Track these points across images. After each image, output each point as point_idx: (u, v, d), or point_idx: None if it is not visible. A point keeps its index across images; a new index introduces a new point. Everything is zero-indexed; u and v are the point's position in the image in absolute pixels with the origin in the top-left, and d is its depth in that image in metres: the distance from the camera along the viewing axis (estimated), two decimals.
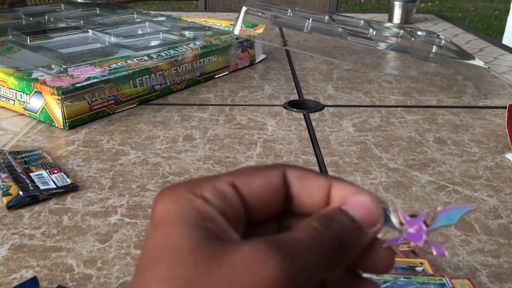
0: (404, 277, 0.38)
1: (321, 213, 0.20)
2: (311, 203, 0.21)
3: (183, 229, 0.17)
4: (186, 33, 0.95)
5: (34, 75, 0.69)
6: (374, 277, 0.38)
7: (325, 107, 0.77)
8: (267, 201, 0.20)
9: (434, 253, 0.21)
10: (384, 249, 0.21)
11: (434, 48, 0.88)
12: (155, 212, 0.19)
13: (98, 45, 0.88)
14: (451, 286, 0.37)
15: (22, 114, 0.70)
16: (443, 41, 0.98)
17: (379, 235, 0.21)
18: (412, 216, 0.22)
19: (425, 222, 0.22)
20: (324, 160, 0.60)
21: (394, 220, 0.22)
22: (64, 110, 0.65)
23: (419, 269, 0.40)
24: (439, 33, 1.05)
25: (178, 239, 0.17)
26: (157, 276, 0.16)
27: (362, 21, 1.02)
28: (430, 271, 0.39)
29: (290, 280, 0.16)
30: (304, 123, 0.70)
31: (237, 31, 0.91)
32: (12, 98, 0.70)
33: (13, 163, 0.55)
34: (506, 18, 1.82)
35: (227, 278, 0.16)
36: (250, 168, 0.21)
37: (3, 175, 0.52)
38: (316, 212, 0.20)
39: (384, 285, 0.37)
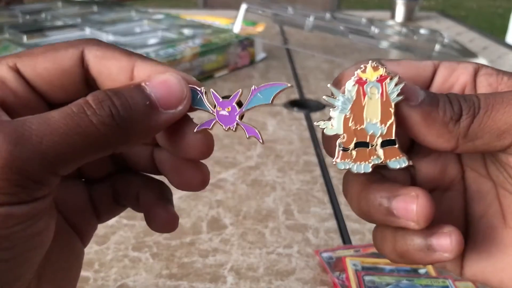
0: (406, 280, 0.37)
1: (104, 89, 0.18)
2: (113, 85, 0.19)
3: None
4: (185, 31, 0.94)
5: None
6: (376, 279, 0.37)
7: (326, 107, 0.76)
8: (59, 84, 0.19)
9: (247, 136, 0.20)
10: (196, 134, 0.20)
11: (437, 47, 0.87)
12: None
13: None
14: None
15: None
16: (446, 39, 0.97)
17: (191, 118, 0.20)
18: (226, 97, 0.20)
19: (238, 103, 0.20)
20: (326, 160, 0.59)
21: (206, 102, 0.20)
22: None
23: (422, 271, 0.39)
24: (441, 32, 1.04)
25: None
26: None
27: (364, 19, 1.01)
28: (433, 274, 0.38)
29: (16, 170, 0.15)
30: (305, 123, 0.69)
31: (237, 29, 0.90)
32: None
33: None
34: (510, 17, 1.81)
35: None
36: (39, 48, 0.19)
37: None
38: None
39: (387, 287, 0.36)
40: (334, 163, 0.20)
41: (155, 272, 0.40)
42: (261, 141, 0.21)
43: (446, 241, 0.19)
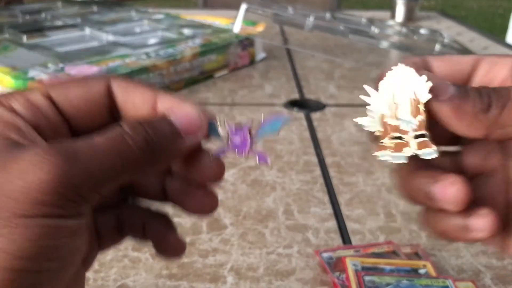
0: (407, 280, 0.37)
1: (138, 119, 0.20)
2: (137, 115, 0.22)
3: None
4: (185, 31, 0.94)
5: (30, 74, 0.68)
6: (376, 279, 0.37)
7: (327, 107, 0.76)
8: (87, 112, 0.21)
9: (257, 162, 0.23)
10: (212, 160, 0.23)
11: (437, 47, 0.87)
12: None
13: (96, 43, 0.87)
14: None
15: None
16: (446, 39, 0.97)
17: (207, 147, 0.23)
18: (238, 126, 0.23)
19: (250, 132, 0.23)
20: (326, 160, 0.59)
21: (221, 131, 0.23)
22: None
23: (422, 271, 0.39)
24: (442, 32, 1.04)
25: None
26: None
27: (364, 19, 1.00)
28: (433, 274, 0.38)
29: (67, 185, 0.17)
30: (305, 123, 0.69)
31: (237, 29, 0.90)
32: None
33: None
34: (510, 17, 1.81)
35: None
36: (70, 80, 0.21)
37: None
38: None
39: (387, 287, 0.36)
40: (374, 154, 0.23)
41: (155, 272, 0.40)
42: (269, 165, 0.23)
43: (481, 222, 0.21)
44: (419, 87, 0.21)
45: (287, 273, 0.40)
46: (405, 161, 0.22)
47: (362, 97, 0.23)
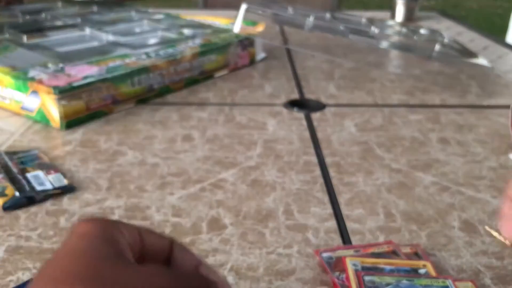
0: (407, 280, 0.37)
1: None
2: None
3: (104, 243, 0.24)
4: (185, 31, 0.94)
5: (30, 74, 0.68)
6: (376, 279, 0.37)
7: (327, 107, 0.76)
8: (153, 252, 0.27)
9: None
10: None
11: (437, 47, 0.87)
12: (85, 226, 0.25)
13: (96, 43, 0.87)
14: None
15: (18, 114, 0.70)
16: (446, 39, 0.97)
17: None
18: None
19: None
20: (326, 160, 0.59)
21: None
22: (61, 109, 0.64)
23: (422, 271, 0.39)
24: (442, 32, 1.04)
25: (98, 247, 0.23)
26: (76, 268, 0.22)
27: (364, 19, 1.00)
28: (433, 274, 0.38)
29: None
30: (305, 123, 0.69)
31: (237, 29, 0.90)
32: (8, 98, 0.69)
33: (9, 163, 0.54)
34: (510, 17, 1.81)
35: (137, 277, 0.22)
36: (151, 230, 0.28)
37: None
38: None
39: (387, 287, 0.36)
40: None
41: None
42: None
43: None
44: None
45: (287, 273, 0.40)
46: None
47: None
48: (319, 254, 0.41)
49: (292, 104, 0.76)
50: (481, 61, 0.85)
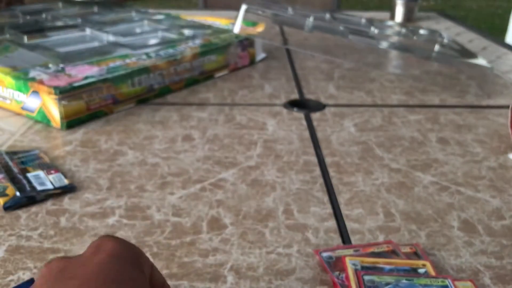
0: (406, 279, 0.38)
1: None
2: None
3: (134, 270, 0.26)
4: (185, 31, 0.94)
5: (31, 74, 0.68)
6: (376, 279, 0.38)
7: (326, 107, 0.76)
8: (155, 285, 0.30)
9: None
10: None
11: (437, 47, 0.87)
12: (114, 245, 0.27)
13: (96, 43, 0.88)
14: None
15: (19, 114, 0.70)
16: (445, 39, 0.97)
17: None
18: None
19: None
20: (325, 160, 0.59)
21: None
22: (62, 109, 0.64)
23: (421, 271, 0.39)
24: (441, 32, 1.05)
25: (131, 274, 0.25)
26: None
27: (363, 20, 1.01)
28: (433, 273, 0.38)
29: None
30: (305, 123, 0.70)
31: (237, 29, 0.91)
32: (9, 98, 0.69)
33: (10, 163, 0.54)
34: (509, 17, 1.81)
35: None
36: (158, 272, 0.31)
37: (0, 176, 0.52)
38: None
39: (386, 287, 0.37)
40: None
41: None
42: None
43: None
44: None
45: (287, 272, 0.40)
46: None
47: None
48: (319, 254, 0.41)
49: (292, 104, 0.76)
50: (481, 61, 0.86)
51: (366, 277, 0.38)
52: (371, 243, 0.43)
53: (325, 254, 0.41)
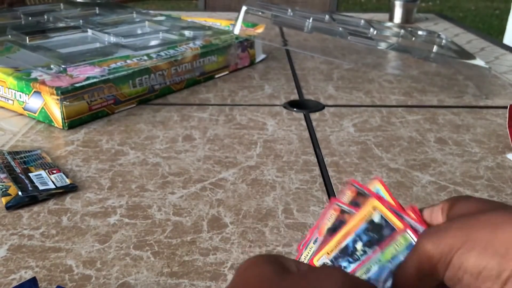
0: (374, 264, 0.27)
1: None
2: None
3: (270, 264, 0.25)
4: (186, 32, 0.95)
5: (33, 75, 0.69)
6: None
7: (326, 107, 0.77)
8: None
9: None
10: None
11: (435, 48, 0.87)
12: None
13: (98, 44, 0.88)
14: (414, 239, 0.28)
15: (21, 114, 0.70)
16: (444, 40, 0.98)
17: None
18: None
19: None
20: (325, 160, 0.59)
21: None
22: (63, 110, 0.65)
23: (377, 218, 0.28)
24: (439, 33, 1.05)
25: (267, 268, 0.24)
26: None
27: (362, 21, 1.01)
28: (388, 213, 0.28)
29: None
30: (304, 123, 0.70)
31: (237, 30, 0.91)
32: (11, 98, 0.70)
33: (12, 163, 0.55)
34: (507, 18, 1.82)
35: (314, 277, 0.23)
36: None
37: (2, 175, 0.52)
38: None
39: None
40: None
41: (156, 270, 0.40)
42: None
43: None
44: None
45: None
46: None
47: None
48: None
49: (292, 104, 0.77)
50: (479, 62, 0.86)
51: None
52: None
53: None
